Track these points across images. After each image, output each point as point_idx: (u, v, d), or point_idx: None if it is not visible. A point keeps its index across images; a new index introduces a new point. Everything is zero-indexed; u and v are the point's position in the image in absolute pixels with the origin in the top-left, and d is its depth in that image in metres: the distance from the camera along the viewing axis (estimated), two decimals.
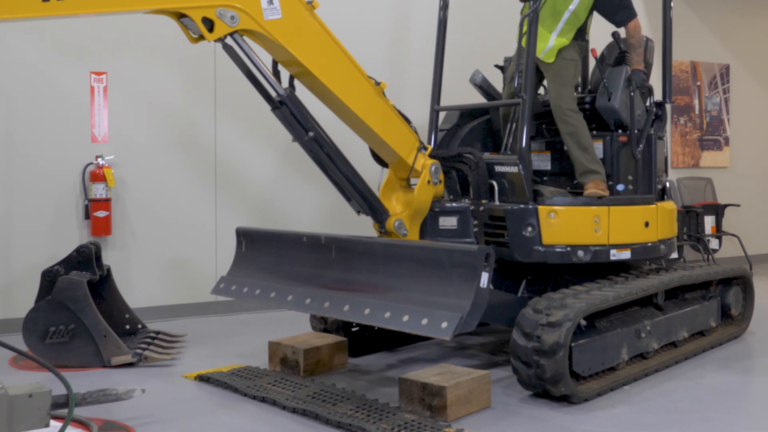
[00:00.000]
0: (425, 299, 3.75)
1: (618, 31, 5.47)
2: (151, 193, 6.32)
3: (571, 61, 5.05)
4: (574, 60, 5.07)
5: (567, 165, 5.32)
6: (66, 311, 4.81)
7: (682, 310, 5.17)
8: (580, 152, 4.94)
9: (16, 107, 5.85)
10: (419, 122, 5.24)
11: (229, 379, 4.51)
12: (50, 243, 5.87)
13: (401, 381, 4.02)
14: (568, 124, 4.95)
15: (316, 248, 4.43)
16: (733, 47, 9.60)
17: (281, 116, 4.40)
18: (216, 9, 3.97)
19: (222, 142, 6.60)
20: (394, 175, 5.03)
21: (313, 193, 6.86)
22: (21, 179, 5.86)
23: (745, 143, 9.72)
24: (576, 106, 5.04)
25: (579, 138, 4.94)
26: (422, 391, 3.90)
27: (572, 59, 5.05)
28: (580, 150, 4.94)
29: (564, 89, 5.01)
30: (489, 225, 4.79)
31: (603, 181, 4.95)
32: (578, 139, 4.94)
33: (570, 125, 4.95)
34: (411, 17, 7.32)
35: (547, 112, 5.68)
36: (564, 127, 4.97)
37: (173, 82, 6.40)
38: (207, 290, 5.67)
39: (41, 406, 3.09)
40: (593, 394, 4.22)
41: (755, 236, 9.29)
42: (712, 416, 3.98)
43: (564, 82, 5.01)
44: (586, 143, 4.96)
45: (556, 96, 5.02)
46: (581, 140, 4.95)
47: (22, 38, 5.84)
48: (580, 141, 4.95)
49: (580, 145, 4.94)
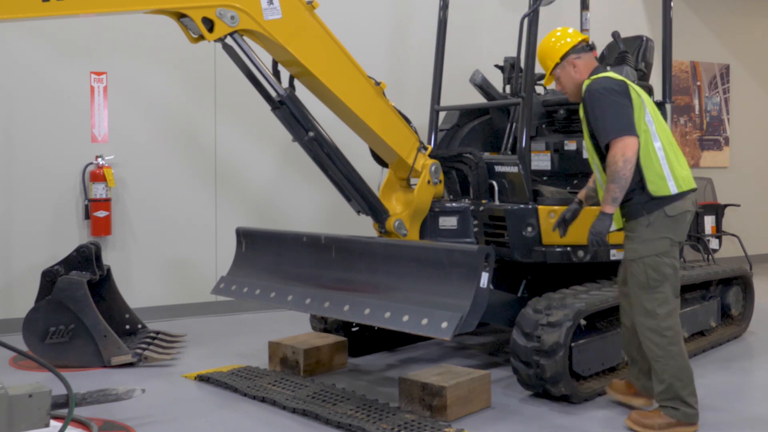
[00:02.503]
0: (425, 299, 3.74)
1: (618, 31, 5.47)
2: (151, 193, 6.32)
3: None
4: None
5: (567, 165, 5.32)
6: (66, 311, 4.81)
7: (682, 310, 5.16)
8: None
9: (17, 107, 5.85)
10: (419, 122, 5.24)
11: (229, 379, 4.50)
12: (50, 243, 5.88)
13: (401, 381, 4.03)
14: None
15: (316, 248, 4.43)
16: (733, 47, 9.60)
17: (281, 116, 4.40)
18: (216, 9, 3.97)
19: (222, 142, 6.60)
20: (394, 175, 5.03)
21: (313, 193, 6.86)
22: (21, 179, 5.86)
23: (745, 143, 9.72)
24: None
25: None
26: (422, 391, 3.91)
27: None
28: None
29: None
30: (489, 225, 4.78)
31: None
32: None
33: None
34: (411, 17, 7.33)
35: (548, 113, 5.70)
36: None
37: (173, 82, 6.40)
38: (207, 290, 5.68)
39: (41, 406, 3.09)
40: (593, 394, 4.22)
41: (755, 236, 9.28)
42: (712, 416, 3.97)
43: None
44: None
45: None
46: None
47: (22, 38, 5.84)
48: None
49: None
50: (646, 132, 3.67)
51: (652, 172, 3.67)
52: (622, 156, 3.55)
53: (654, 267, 3.68)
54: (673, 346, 3.68)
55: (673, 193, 3.69)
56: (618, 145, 3.57)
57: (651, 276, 3.69)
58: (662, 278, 3.70)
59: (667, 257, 3.70)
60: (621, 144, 3.57)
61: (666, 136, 3.77)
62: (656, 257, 3.69)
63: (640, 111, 3.69)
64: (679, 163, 3.77)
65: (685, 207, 3.74)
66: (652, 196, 3.67)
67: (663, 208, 3.68)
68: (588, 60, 3.90)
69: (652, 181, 3.67)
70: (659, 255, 3.69)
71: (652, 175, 3.67)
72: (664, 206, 3.68)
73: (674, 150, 3.79)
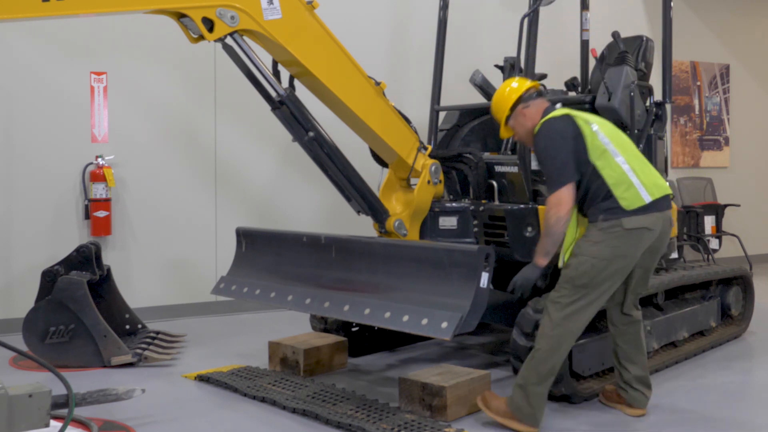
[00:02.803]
0: (425, 299, 3.74)
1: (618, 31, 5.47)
2: (151, 193, 6.32)
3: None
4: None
5: None
6: (66, 311, 4.81)
7: (682, 310, 5.17)
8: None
9: (17, 107, 5.85)
10: (419, 122, 5.24)
11: (229, 379, 4.50)
12: (50, 243, 5.88)
13: (401, 381, 4.03)
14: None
15: (316, 248, 4.43)
16: (733, 47, 9.59)
17: (281, 116, 4.40)
18: (216, 9, 3.97)
19: (222, 142, 6.60)
20: (394, 175, 5.03)
21: (313, 193, 6.86)
22: (21, 179, 5.86)
23: (745, 143, 9.72)
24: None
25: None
26: (422, 391, 3.91)
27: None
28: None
29: None
30: (489, 225, 4.78)
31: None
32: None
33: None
34: (411, 17, 7.32)
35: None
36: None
37: (173, 82, 6.40)
38: (207, 290, 5.68)
39: (41, 406, 3.09)
40: (593, 394, 4.22)
41: (755, 236, 9.28)
42: (712, 416, 3.98)
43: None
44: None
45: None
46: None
47: (22, 38, 5.84)
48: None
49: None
50: (604, 152, 3.70)
51: (620, 187, 3.67)
52: (556, 214, 3.62)
53: (587, 269, 3.63)
54: (553, 347, 3.64)
55: (647, 201, 3.68)
56: (552, 201, 3.65)
57: (582, 272, 3.63)
58: (588, 284, 3.63)
59: (605, 267, 3.63)
60: (556, 200, 3.63)
61: (628, 150, 3.80)
62: (594, 260, 3.64)
63: (592, 137, 3.71)
64: (645, 172, 3.78)
65: (644, 223, 3.68)
66: (619, 206, 3.65)
67: (621, 219, 3.66)
68: (537, 106, 3.94)
69: (623, 197, 3.67)
70: (599, 260, 3.63)
71: (621, 191, 3.67)
72: (622, 217, 3.66)
73: (640, 161, 3.82)
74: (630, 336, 3.99)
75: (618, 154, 3.73)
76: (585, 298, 3.66)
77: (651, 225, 3.71)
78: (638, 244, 3.71)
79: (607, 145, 3.73)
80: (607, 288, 3.71)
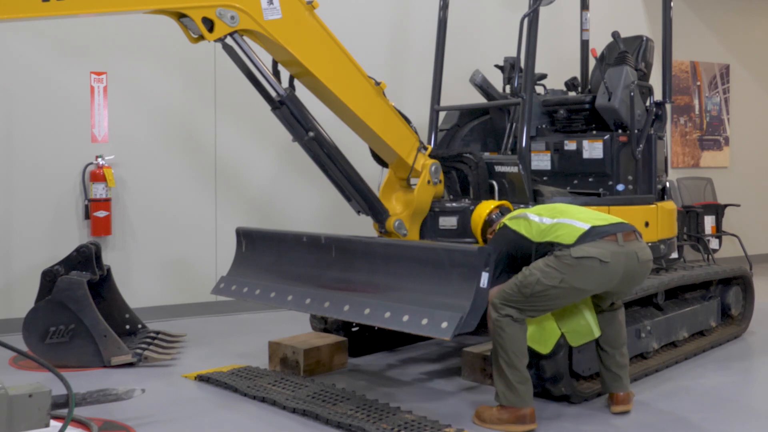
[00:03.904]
0: (425, 299, 3.75)
1: (618, 31, 5.47)
2: (151, 193, 6.32)
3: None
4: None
5: (567, 165, 5.32)
6: (66, 311, 4.81)
7: (682, 310, 5.17)
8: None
9: (17, 107, 5.85)
10: (419, 122, 5.24)
11: (229, 379, 4.51)
12: (50, 243, 5.88)
13: (464, 353, 4.56)
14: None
15: (316, 248, 4.43)
16: (733, 47, 9.59)
17: (281, 116, 4.40)
18: (216, 9, 3.97)
19: (222, 142, 6.60)
20: (394, 175, 5.04)
21: (313, 193, 6.86)
22: (21, 179, 5.86)
23: (745, 143, 9.72)
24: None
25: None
26: (483, 362, 4.40)
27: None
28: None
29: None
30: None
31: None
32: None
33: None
34: (411, 17, 7.32)
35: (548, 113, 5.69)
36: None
37: (173, 82, 6.40)
38: (207, 290, 5.67)
39: (41, 406, 3.09)
40: (593, 394, 4.22)
41: (755, 236, 9.28)
42: (712, 416, 3.98)
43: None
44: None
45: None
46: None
47: (22, 38, 5.84)
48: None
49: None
50: (547, 226, 3.77)
51: (561, 235, 3.71)
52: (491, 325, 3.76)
53: (532, 282, 3.64)
54: (504, 336, 3.70)
55: (586, 228, 3.70)
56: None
57: (528, 283, 3.64)
58: (531, 296, 3.65)
59: (549, 289, 3.62)
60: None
61: (572, 212, 3.86)
62: (541, 279, 3.63)
63: (533, 225, 3.80)
64: (592, 216, 3.84)
65: (591, 252, 3.63)
66: (562, 243, 3.69)
67: (570, 248, 3.66)
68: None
69: (558, 236, 3.71)
70: (546, 279, 3.62)
71: (554, 236, 3.72)
72: (570, 248, 3.66)
73: (585, 212, 3.90)
74: (609, 318, 4.02)
75: (564, 218, 3.80)
76: (524, 303, 3.69)
77: (602, 256, 3.64)
78: (588, 277, 3.66)
79: (548, 220, 3.80)
80: (547, 308, 3.76)
